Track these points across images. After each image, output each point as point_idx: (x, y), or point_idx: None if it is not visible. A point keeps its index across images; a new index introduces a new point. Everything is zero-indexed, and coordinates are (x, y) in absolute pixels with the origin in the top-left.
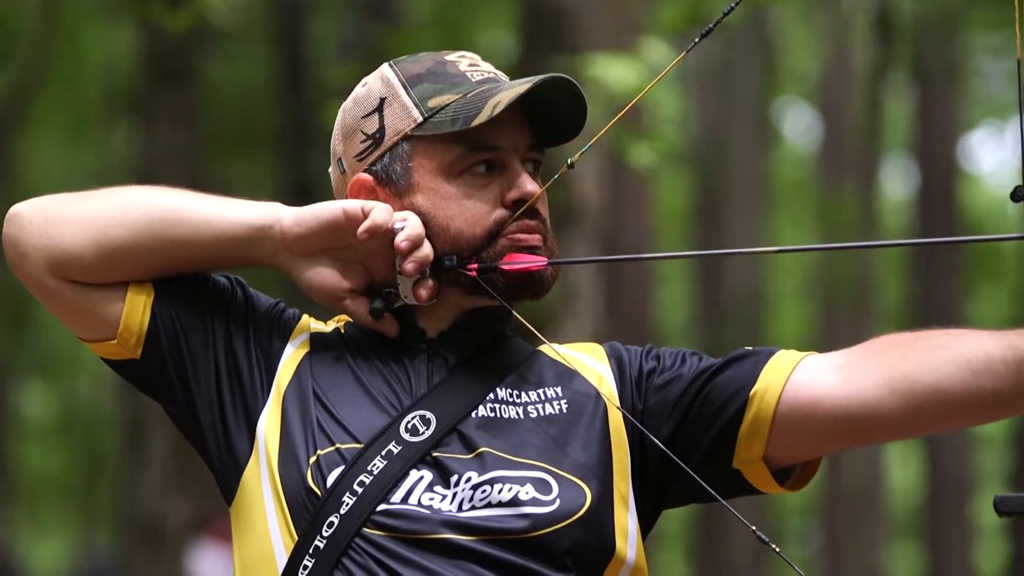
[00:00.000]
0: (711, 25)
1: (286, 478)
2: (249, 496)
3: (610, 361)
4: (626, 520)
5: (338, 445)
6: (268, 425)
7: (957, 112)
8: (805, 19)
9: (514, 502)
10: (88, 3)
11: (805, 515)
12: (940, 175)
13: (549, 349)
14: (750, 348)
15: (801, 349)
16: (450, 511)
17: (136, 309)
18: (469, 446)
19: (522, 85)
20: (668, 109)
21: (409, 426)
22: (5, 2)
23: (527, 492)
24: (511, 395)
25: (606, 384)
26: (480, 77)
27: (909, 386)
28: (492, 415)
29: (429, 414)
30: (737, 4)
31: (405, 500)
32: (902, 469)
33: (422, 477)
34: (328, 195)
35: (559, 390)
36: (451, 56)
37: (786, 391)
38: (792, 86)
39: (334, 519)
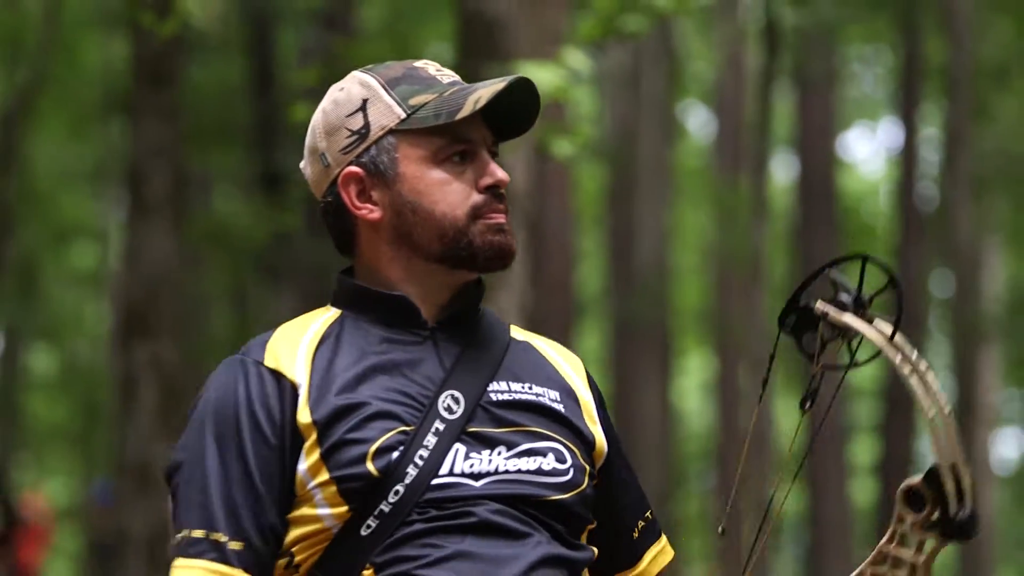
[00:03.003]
0: None
1: (345, 476)
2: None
3: (590, 383)
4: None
5: (391, 433)
6: (305, 457)
7: (835, 110)
8: (704, 30)
9: (539, 471)
10: (86, 13)
11: (703, 459)
12: (820, 165)
13: (521, 333)
14: (648, 517)
15: (701, 318)
16: (485, 480)
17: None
18: (494, 420)
19: (498, 83)
20: (585, 108)
21: (445, 405)
22: (10, 12)
23: (549, 462)
24: (515, 375)
25: (584, 393)
26: (448, 80)
27: None
28: (506, 391)
29: (457, 393)
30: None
31: (451, 472)
32: (786, 417)
33: (458, 450)
34: (294, 183)
35: (556, 392)
36: (418, 63)
37: None
38: (693, 87)
39: (399, 488)
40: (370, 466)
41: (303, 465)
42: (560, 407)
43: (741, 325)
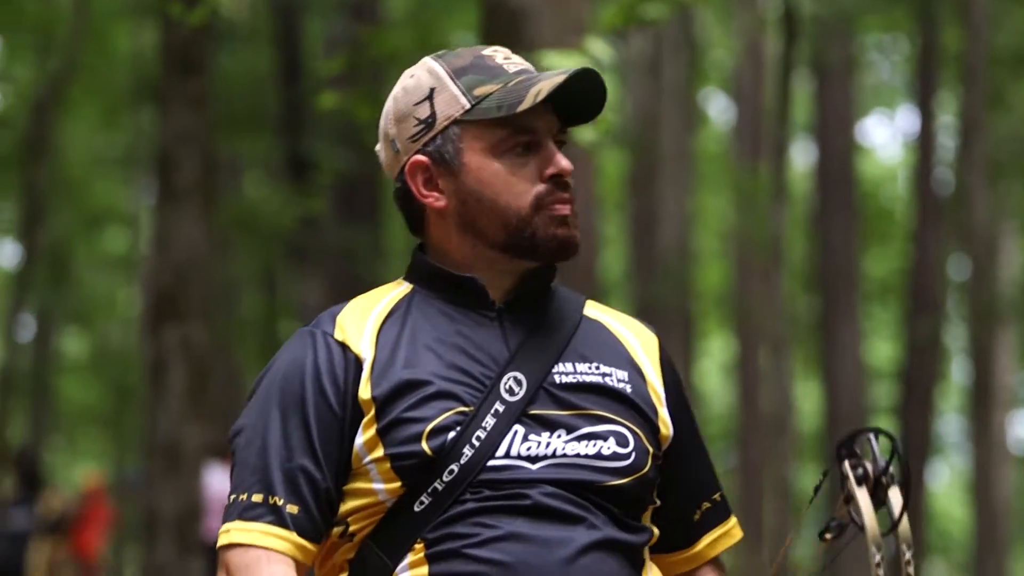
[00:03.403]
0: None
1: (399, 454)
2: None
3: (662, 363)
4: (656, 477)
5: (448, 413)
6: (363, 431)
7: (853, 97)
8: (724, 19)
9: (598, 455)
10: (116, 2)
11: (724, 439)
12: (839, 151)
13: (596, 309)
14: (716, 499)
15: (722, 301)
16: (542, 464)
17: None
18: (557, 402)
19: (559, 76)
20: (607, 96)
21: (507, 387)
22: (42, 2)
23: (609, 447)
24: (583, 356)
25: (653, 374)
26: (515, 68)
27: None
28: (571, 372)
29: (520, 375)
30: None
31: (507, 454)
32: (806, 401)
33: (517, 432)
34: (321, 169)
35: (624, 372)
36: (487, 51)
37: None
38: (714, 75)
39: (454, 467)
40: (425, 445)
41: (360, 439)
42: (627, 388)
43: (761, 308)
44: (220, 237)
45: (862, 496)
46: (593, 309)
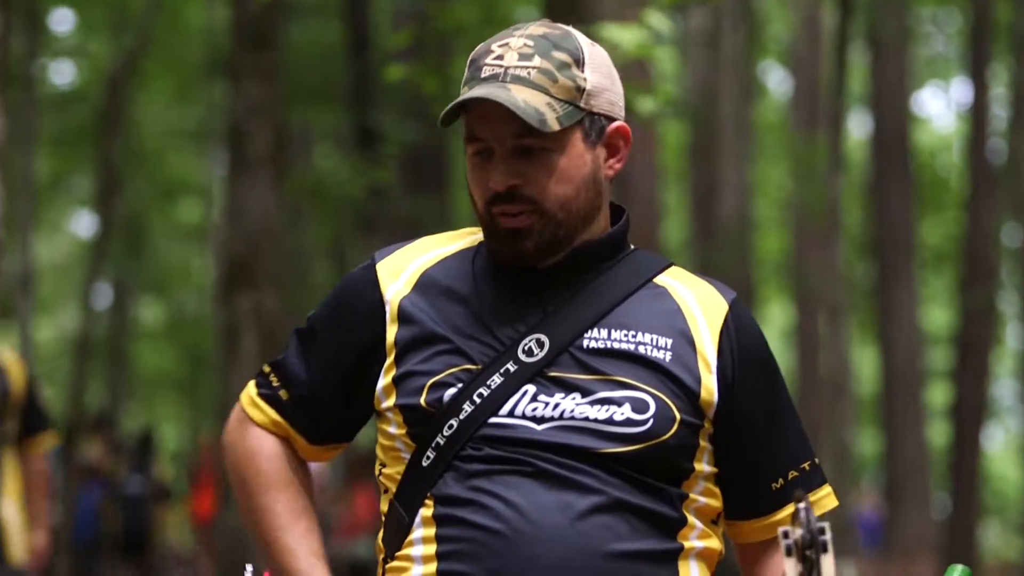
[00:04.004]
0: None
1: (404, 405)
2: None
3: (724, 334)
4: (705, 445)
5: (453, 369)
6: (384, 375)
7: (908, 69)
8: None
9: (609, 420)
10: None
11: None
12: (894, 121)
13: (671, 275)
14: (804, 468)
15: (781, 268)
16: (547, 425)
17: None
18: (581, 366)
19: (464, 96)
20: (667, 68)
21: (526, 348)
22: None
23: (623, 412)
24: (623, 324)
25: (707, 343)
26: (488, 74)
27: None
28: (604, 339)
29: (543, 337)
30: None
31: (511, 413)
32: (863, 365)
33: (527, 392)
34: (389, 140)
35: (668, 340)
36: (495, 44)
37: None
38: (772, 48)
39: (453, 422)
40: (422, 399)
41: (380, 384)
42: (665, 356)
43: (819, 274)
44: (291, 207)
45: (790, 566)
46: (668, 275)
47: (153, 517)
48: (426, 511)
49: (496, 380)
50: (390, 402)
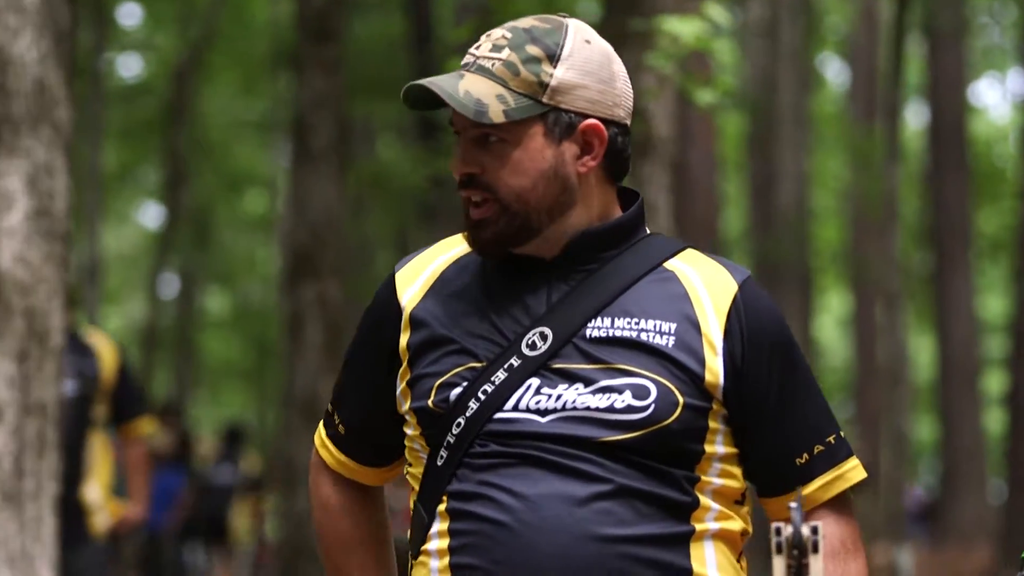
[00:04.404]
0: None
1: (416, 408)
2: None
3: (731, 317)
4: (718, 426)
5: (459, 369)
6: (400, 380)
7: (965, 60)
8: None
9: (610, 408)
10: None
11: (842, 391)
12: (950, 111)
13: (682, 259)
14: (829, 442)
15: (839, 257)
16: (551, 417)
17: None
18: (584, 356)
19: (409, 84)
20: (726, 59)
21: (529, 343)
22: None
23: (623, 400)
24: (627, 311)
25: (713, 326)
26: (464, 62)
27: None
28: (606, 327)
29: (547, 330)
30: None
31: (516, 407)
32: (921, 353)
33: (531, 385)
34: (449, 131)
35: (672, 324)
36: (485, 34)
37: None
38: (830, 39)
39: (461, 420)
40: (430, 401)
41: (398, 388)
42: (665, 341)
43: (876, 263)
44: (354, 197)
45: (777, 564)
46: (679, 259)
47: (238, 508)
48: (441, 507)
49: (500, 376)
50: (406, 406)
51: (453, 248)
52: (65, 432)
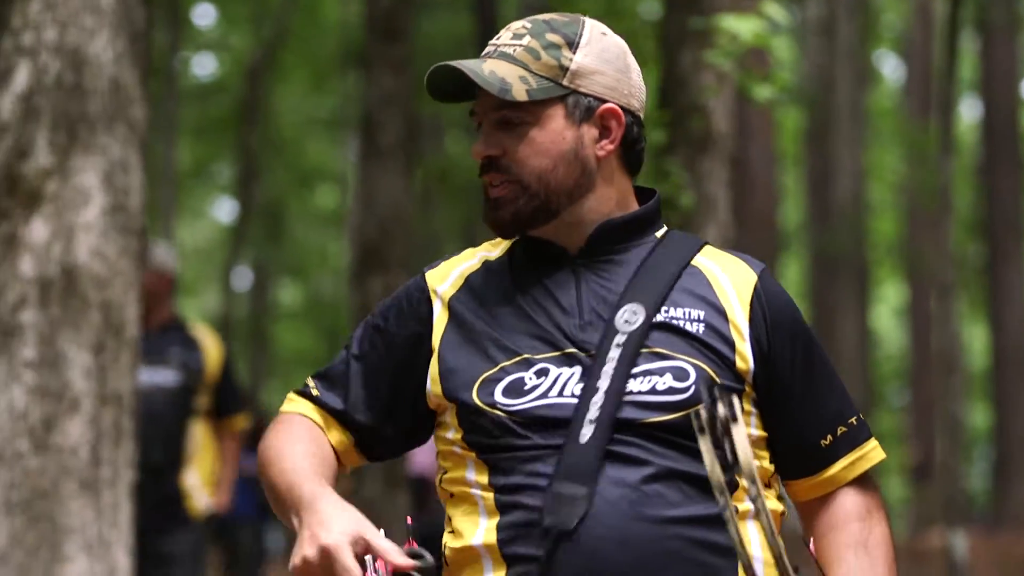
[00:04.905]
0: None
1: (458, 399)
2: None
3: (754, 303)
4: (750, 409)
5: (504, 363)
6: (431, 375)
7: (1018, 55)
8: None
9: (652, 391)
10: None
11: (897, 379)
12: (1004, 106)
13: (704, 254)
14: (852, 423)
15: (894, 249)
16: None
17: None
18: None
19: (434, 67)
20: (784, 56)
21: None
22: None
23: (664, 382)
24: (655, 300)
25: (738, 313)
26: (485, 52)
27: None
28: (640, 314)
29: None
30: None
31: (560, 394)
32: (975, 341)
33: (573, 374)
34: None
35: (701, 312)
36: (504, 29)
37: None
38: (886, 36)
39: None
40: (475, 395)
41: (428, 383)
42: (699, 327)
43: (931, 255)
44: (421, 192)
45: (703, 444)
46: (701, 255)
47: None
48: (488, 501)
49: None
50: (440, 402)
51: (477, 254)
52: (167, 421)
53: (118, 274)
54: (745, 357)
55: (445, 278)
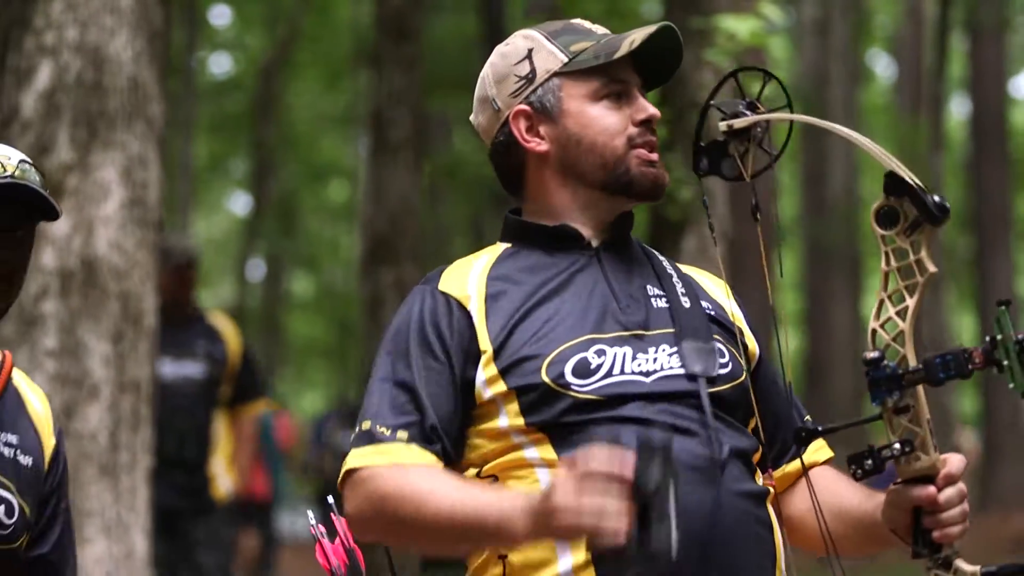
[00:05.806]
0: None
1: (521, 387)
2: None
3: (737, 304)
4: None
5: (563, 346)
6: (485, 373)
7: (1006, 54)
8: None
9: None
10: None
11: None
12: (992, 104)
13: (664, 259)
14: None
15: None
16: (654, 377)
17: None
18: (657, 324)
19: (649, 29)
20: (780, 55)
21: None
22: None
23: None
24: (677, 285)
25: (734, 307)
26: (601, 32)
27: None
28: (664, 296)
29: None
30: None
31: (622, 371)
32: (963, 332)
33: (627, 353)
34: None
35: (707, 303)
36: (575, 21)
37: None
38: (879, 36)
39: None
40: (544, 376)
41: (481, 377)
42: (713, 312)
43: None
44: (430, 187)
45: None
46: (663, 259)
47: None
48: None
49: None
50: (498, 390)
51: (479, 259)
52: (199, 414)
53: (136, 265)
54: (752, 341)
55: (464, 283)
